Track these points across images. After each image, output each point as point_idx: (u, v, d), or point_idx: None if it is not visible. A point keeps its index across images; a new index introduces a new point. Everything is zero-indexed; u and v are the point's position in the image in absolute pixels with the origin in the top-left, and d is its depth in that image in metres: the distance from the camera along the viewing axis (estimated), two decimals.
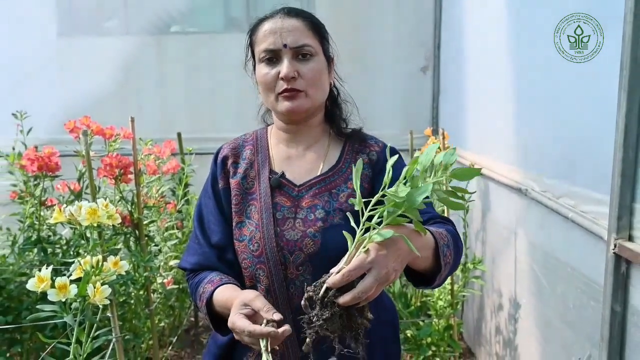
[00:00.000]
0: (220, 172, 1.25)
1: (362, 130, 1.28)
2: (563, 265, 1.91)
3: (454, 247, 1.07)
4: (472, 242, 3.02)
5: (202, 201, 1.26)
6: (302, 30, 1.16)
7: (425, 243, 1.00)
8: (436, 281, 1.06)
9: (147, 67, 3.78)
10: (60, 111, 3.38)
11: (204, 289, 1.14)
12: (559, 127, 1.94)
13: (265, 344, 0.93)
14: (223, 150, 1.28)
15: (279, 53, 1.14)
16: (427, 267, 1.04)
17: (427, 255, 1.01)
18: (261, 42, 1.16)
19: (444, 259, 1.02)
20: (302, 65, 1.14)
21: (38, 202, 2.20)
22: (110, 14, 3.79)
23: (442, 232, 1.06)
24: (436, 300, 2.61)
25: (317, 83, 1.17)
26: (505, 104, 2.47)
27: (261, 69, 1.17)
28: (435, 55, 3.77)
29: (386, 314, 1.25)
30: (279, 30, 1.14)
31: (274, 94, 1.16)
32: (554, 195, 1.96)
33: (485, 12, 2.79)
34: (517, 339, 2.42)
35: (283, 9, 1.18)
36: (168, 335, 3.04)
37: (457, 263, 1.10)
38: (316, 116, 1.24)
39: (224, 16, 4.01)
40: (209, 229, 1.22)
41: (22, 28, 3.62)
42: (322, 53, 1.19)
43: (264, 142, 1.27)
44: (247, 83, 1.32)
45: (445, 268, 1.04)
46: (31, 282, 1.26)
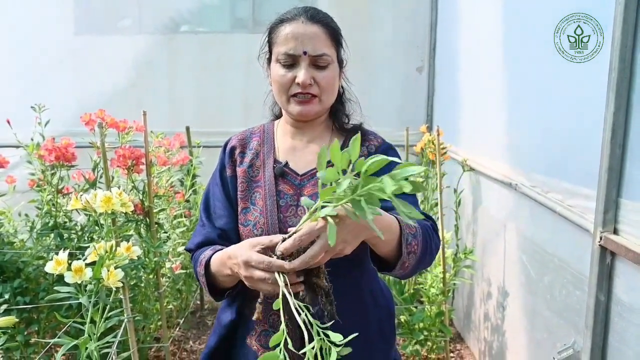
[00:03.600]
0: (228, 160, 1.25)
1: (363, 126, 1.28)
2: (550, 256, 1.91)
3: (423, 240, 1.04)
4: (463, 233, 3.01)
5: (210, 188, 1.27)
6: (322, 39, 1.14)
7: (388, 226, 0.97)
8: (397, 267, 1.02)
9: (158, 65, 3.77)
10: (76, 105, 3.38)
11: (204, 255, 1.14)
12: (549, 124, 1.93)
13: (283, 279, 0.89)
14: (232, 141, 1.28)
15: (297, 58, 1.13)
16: (390, 252, 1.01)
17: (388, 239, 0.98)
18: (281, 44, 1.14)
19: (407, 246, 1.00)
20: (318, 73, 1.14)
21: (55, 190, 2.19)
22: (123, 14, 3.77)
23: (412, 223, 1.03)
24: (429, 287, 2.61)
25: (330, 90, 1.17)
26: (497, 103, 2.46)
27: (278, 69, 1.16)
28: (431, 55, 3.75)
29: (383, 299, 1.25)
30: (300, 36, 1.12)
31: (287, 95, 1.16)
32: (542, 190, 1.95)
33: (479, 14, 2.77)
34: (505, 325, 2.42)
35: (306, 12, 1.15)
36: (175, 317, 3.04)
37: (426, 256, 1.07)
38: (323, 114, 1.24)
39: (231, 17, 3.99)
40: (215, 213, 1.22)
41: (41, 27, 3.62)
42: (336, 60, 1.18)
43: (271, 134, 1.27)
44: (251, 80, 1.31)
45: (409, 257, 1.01)
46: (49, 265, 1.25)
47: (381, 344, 1.21)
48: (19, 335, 2.06)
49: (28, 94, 2.85)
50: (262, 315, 0.95)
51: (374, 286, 1.23)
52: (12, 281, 2.06)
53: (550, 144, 1.92)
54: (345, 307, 1.05)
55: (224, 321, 1.21)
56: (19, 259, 2.13)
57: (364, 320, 1.17)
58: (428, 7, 3.72)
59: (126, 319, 1.47)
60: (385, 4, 3.77)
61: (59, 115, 2.63)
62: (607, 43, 1.41)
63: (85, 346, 1.19)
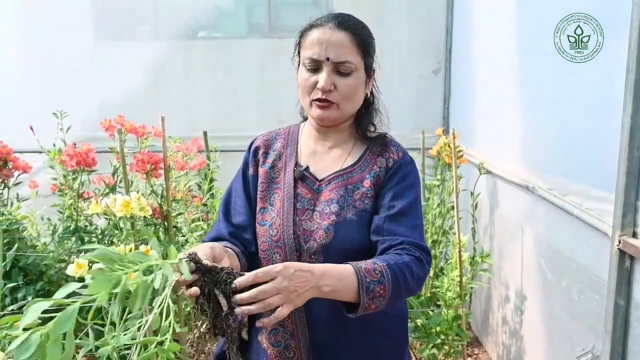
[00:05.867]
0: (251, 160, 1.27)
1: (387, 136, 1.27)
2: (568, 260, 1.89)
3: (393, 282, 1.03)
4: (480, 236, 2.99)
5: (233, 184, 1.29)
6: (347, 47, 1.14)
7: (341, 278, 1.00)
8: (360, 311, 1.02)
9: (175, 70, 3.81)
10: (96, 110, 3.43)
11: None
12: (565, 127, 1.91)
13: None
14: (257, 141, 1.30)
15: (320, 63, 1.14)
16: (352, 299, 1.02)
17: (344, 290, 1.00)
18: (307, 49, 1.16)
19: (368, 293, 1.00)
20: (340, 80, 1.14)
21: (76, 194, 2.23)
22: (141, 21, 3.83)
23: (378, 269, 1.03)
24: (445, 291, 2.59)
25: (350, 98, 1.17)
26: (513, 105, 2.44)
27: (303, 73, 1.17)
28: (447, 58, 3.74)
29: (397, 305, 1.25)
30: (326, 42, 1.13)
31: (309, 98, 1.17)
32: (560, 192, 1.93)
33: (494, 16, 2.75)
34: (523, 329, 2.40)
35: (335, 19, 1.16)
36: (194, 319, 3.06)
37: (399, 296, 1.06)
38: (347, 121, 1.24)
39: (247, 22, 4.03)
40: (234, 209, 1.25)
41: (61, 35, 3.68)
42: (362, 68, 1.18)
43: (295, 137, 1.29)
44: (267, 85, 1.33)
45: (373, 301, 1.01)
46: (70, 267, 1.28)
47: (391, 351, 1.22)
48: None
49: (49, 100, 2.91)
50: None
51: None
52: (34, 283, 2.11)
53: (567, 147, 1.90)
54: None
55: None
56: (42, 262, 2.18)
57: (369, 326, 1.17)
58: (444, 10, 3.70)
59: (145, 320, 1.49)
60: (400, 7, 3.77)
61: (80, 121, 2.68)
62: (615, 44, 1.39)
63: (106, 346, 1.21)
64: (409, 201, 1.15)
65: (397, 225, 1.11)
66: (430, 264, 1.11)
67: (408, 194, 1.16)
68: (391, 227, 1.12)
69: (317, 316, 1.15)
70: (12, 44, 3.69)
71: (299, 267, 0.95)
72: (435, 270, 3.00)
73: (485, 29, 2.99)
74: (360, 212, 1.14)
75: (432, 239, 2.96)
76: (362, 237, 1.13)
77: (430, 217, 2.96)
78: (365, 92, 1.22)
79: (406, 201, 1.14)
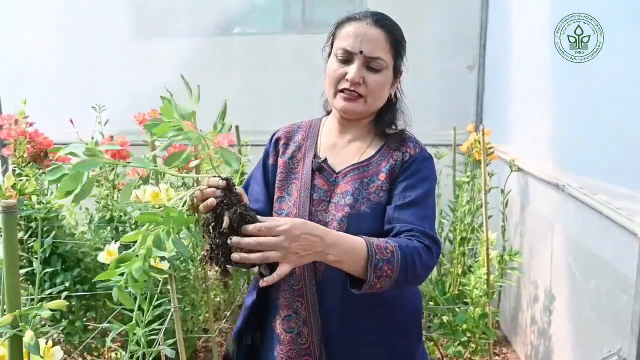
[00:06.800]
0: (272, 150, 1.31)
1: (406, 132, 1.28)
2: (597, 259, 1.85)
3: (402, 264, 1.03)
4: (510, 234, 2.95)
5: (253, 173, 1.34)
6: (381, 43, 1.17)
7: (351, 249, 1.01)
8: (365, 288, 1.02)
9: (210, 65, 3.87)
10: (134, 104, 3.53)
11: None
12: (597, 125, 1.87)
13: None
14: (278, 132, 1.34)
15: (353, 56, 1.17)
16: (358, 274, 1.03)
17: (351, 263, 1.01)
18: (342, 40, 1.18)
19: (375, 271, 1.00)
20: (369, 75, 1.17)
21: (112, 185, 2.32)
22: (178, 17, 3.92)
23: (389, 248, 1.03)
24: (472, 288, 2.58)
25: (377, 94, 1.20)
26: (545, 102, 2.40)
27: (333, 63, 1.20)
28: (481, 54, 3.68)
29: (410, 297, 1.26)
30: (361, 36, 1.16)
31: (335, 89, 1.20)
32: (590, 191, 1.90)
33: (529, 12, 2.70)
34: (551, 329, 2.36)
35: (373, 16, 1.19)
36: (223, 309, 3.14)
37: (407, 279, 1.05)
38: (368, 117, 1.26)
39: (282, 18, 4.06)
40: (252, 196, 1.29)
41: (101, 30, 3.80)
42: (391, 67, 1.20)
43: (316, 130, 1.32)
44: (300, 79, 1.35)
45: (379, 280, 1.02)
46: (102, 254, 1.35)
47: (404, 343, 1.23)
48: (78, 321, 2.21)
49: (89, 94, 3.03)
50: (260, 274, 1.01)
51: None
52: (72, 270, 2.21)
53: (598, 145, 1.87)
54: (361, 305, 1.08)
55: (247, 303, 1.30)
56: (79, 250, 2.28)
57: (382, 318, 1.19)
58: (478, 5, 3.65)
59: (172, 308, 1.56)
60: (434, 1, 3.73)
61: (118, 114, 2.77)
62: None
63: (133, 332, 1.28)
64: (422, 192, 1.16)
65: (407, 214, 1.13)
66: (439, 255, 1.12)
67: (421, 185, 1.17)
68: (401, 215, 1.13)
69: (329, 306, 1.17)
70: (52, 38, 3.81)
71: (309, 231, 0.97)
72: (463, 267, 2.98)
73: (520, 25, 2.94)
74: (374, 205, 1.16)
75: (461, 236, 2.94)
76: (376, 230, 1.14)
77: (459, 214, 2.94)
78: (389, 91, 1.24)
79: (419, 192, 1.15)
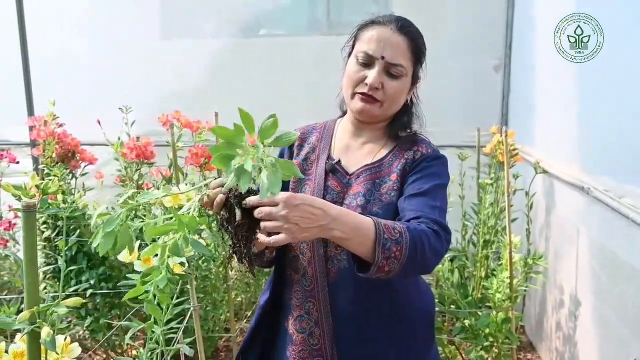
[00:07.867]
0: (287, 151, 1.33)
1: (419, 135, 1.28)
2: (623, 263, 1.81)
3: (411, 246, 0.99)
4: (535, 237, 2.90)
5: None
6: (403, 50, 1.17)
7: (357, 226, 0.98)
8: (373, 271, 0.99)
9: (235, 66, 3.91)
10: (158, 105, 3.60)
11: None
12: (623, 128, 1.83)
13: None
14: None
15: (374, 60, 1.17)
16: (366, 254, 1.00)
17: (358, 241, 0.98)
18: (364, 43, 1.19)
19: (383, 251, 0.97)
20: (389, 80, 1.17)
21: (136, 185, 2.38)
22: (205, 19, 3.98)
23: (398, 228, 1.00)
24: (494, 292, 2.54)
25: (394, 100, 1.20)
26: (572, 104, 2.35)
27: (353, 65, 1.20)
28: (507, 54, 3.63)
29: (422, 298, 1.25)
30: (384, 41, 1.16)
31: (353, 90, 1.21)
32: (615, 194, 1.85)
33: (555, 12, 2.65)
34: (577, 335, 2.31)
35: (397, 21, 1.18)
36: (244, 309, 3.17)
37: (416, 262, 1.01)
38: (383, 121, 1.27)
39: (306, 19, 4.08)
40: None
41: (130, 31, 3.87)
42: (410, 75, 1.21)
43: (330, 131, 1.32)
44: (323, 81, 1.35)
45: (387, 262, 0.98)
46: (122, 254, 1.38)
47: (415, 345, 1.23)
48: (102, 318, 2.27)
49: (116, 95, 3.09)
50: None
51: (411, 287, 1.24)
52: (97, 268, 2.27)
53: (624, 148, 1.82)
54: (373, 307, 1.07)
55: (261, 302, 1.31)
56: None
57: (394, 320, 1.19)
58: (504, 5, 3.60)
59: (192, 307, 1.58)
60: (459, 2, 3.70)
61: (144, 115, 2.83)
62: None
63: (152, 329, 1.30)
64: (432, 185, 1.15)
65: (416, 202, 1.11)
66: (449, 242, 1.08)
67: (432, 179, 1.16)
68: (410, 203, 1.12)
69: (341, 307, 1.18)
70: (81, 40, 3.90)
71: (310, 202, 0.95)
72: (486, 270, 2.94)
73: (546, 25, 2.88)
74: (386, 206, 1.16)
75: (484, 238, 2.90)
76: None
77: (482, 216, 2.90)
78: (406, 97, 1.24)
79: (429, 184, 1.14)
